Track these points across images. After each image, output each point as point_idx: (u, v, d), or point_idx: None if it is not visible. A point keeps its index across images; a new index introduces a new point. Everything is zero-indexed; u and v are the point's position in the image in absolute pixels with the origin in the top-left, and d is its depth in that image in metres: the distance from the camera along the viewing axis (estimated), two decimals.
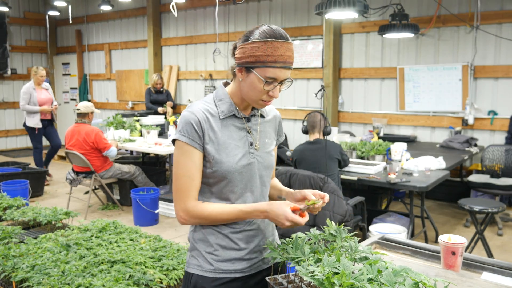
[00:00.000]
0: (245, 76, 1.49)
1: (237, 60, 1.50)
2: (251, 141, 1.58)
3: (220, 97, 1.57)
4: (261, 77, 1.45)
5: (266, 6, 7.85)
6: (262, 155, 1.61)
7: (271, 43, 1.43)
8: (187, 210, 1.51)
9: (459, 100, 6.16)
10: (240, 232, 1.58)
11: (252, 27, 1.52)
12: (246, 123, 1.59)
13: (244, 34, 1.51)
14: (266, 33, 1.45)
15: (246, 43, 1.46)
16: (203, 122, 1.51)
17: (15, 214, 3.61)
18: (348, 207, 3.71)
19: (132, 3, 9.50)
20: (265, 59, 1.43)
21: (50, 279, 2.49)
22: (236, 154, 1.53)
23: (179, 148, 1.52)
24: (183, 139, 1.50)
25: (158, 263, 2.72)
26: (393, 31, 5.19)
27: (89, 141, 5.47)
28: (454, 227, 5.18)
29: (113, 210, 5.95)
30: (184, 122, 1.52)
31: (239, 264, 1.58)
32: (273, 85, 1.47)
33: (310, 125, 4.07)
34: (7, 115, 10.79)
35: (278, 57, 1.43)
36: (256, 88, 1.47)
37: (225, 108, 1.55)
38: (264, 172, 1.62)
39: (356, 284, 1.17)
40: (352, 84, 7.14)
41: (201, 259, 1.58)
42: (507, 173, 5.35)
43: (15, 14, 10.65)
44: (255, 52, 1.44)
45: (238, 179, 1.54)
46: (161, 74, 8.42)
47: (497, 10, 5.84)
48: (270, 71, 1.44)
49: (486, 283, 1.64)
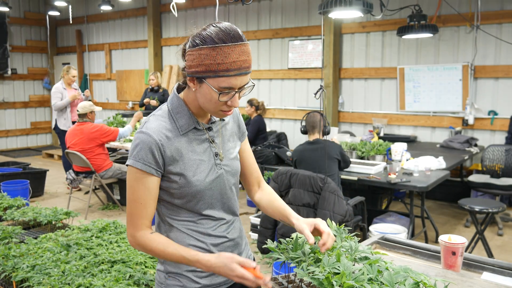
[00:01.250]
0: (198, 86, 1.33)
1: (186, 68, 1.33)
2: (216, 152, 1.45)
3: (177, 110, 1.40)
4: (214, 88, 1.28)
5: (266, 6, 7.86)
6: (228, 163, 1.49)
7: (220, 49, 1.25)
8: (134, 237, 1.40)
9: (459, 100, 6.16)
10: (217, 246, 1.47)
11: (201, 27, 1.34)
12: (207, 133, 1.45)
13: (192, 36, 1.32)
14: (214, 36, 1.26)
15: (194, 49, 1.29)
16: (161, 144, 1.35)
17: (16, 214, 3.62)
18: (348, 207, 3.71)
19: (132, 3, 9.50)
20: (216, 68, 1.26)
21: (51, 279, 2.49)
22: (203, 170, 1.41)
23: (132, 174, 1.37)
24: (137, 166, 1.34)
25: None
26: (411, 32, 5.16)
27: (92, 137, 5.44)
28: (454, 227, 5.18)
29: (113, 210, 5.95)
30: (138, 146, 1.35)
31: (219, 277, 1.47)
32: (230, 95, 1.31)
33: (310, 125, 4.06)
34: (7, 115, 10.79)
35: (231, 64, 1.25)
36: (211, 100, 1.32)
37: (184, 122, 1.40)
38: (232, 180, 1.51)
39: (356, 284, 1.17)
40: (352, 84, 7.14)
41: (184, 279, 1.45)
42: (507, 173, 5.35)
43: (15, 14, 10.66)
44: (204, 61, 1.26)
45: (208, 195, 1.43)
46: (160, 73, 8.39)
47: (497, 10, 5.84)
48: (224, 80, 1.27)
49: (486, 283, 1.64)
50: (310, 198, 3.63)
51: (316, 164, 3.87)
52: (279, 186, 3.81)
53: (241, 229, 1.59)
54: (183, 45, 1.37)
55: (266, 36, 7.86)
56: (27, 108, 11.13)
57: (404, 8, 5.59)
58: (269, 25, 7.86)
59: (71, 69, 6.84)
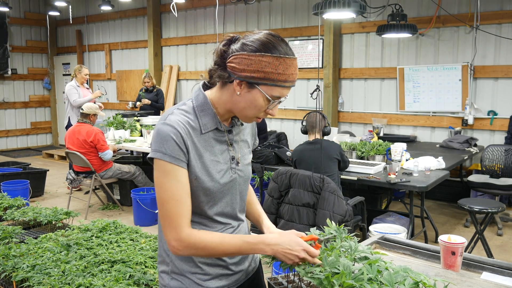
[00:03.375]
0: (245, 91, 1.30)
1: (236, 71, 1.28)
2: (232, 156, 1.43)
3: (202, 107, 1.37)
4: (267, 95, 1.29)
5: (266, 6, 7.86)
6: (243, 169, 1.47)
7: (283, 60, 1.27)
8: (180, 240, 1.30)
9: (459, 100, 6.17)
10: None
11: (251, 32, 1.33)
12: (227, 135, 1.42)
13: (244, 41, 1.30)
14: (277, 46, 1.27)
15: (252, 54, 1.26)
16: (185, 136, 1.31)
17: (16, 214, 3.62)
18: (348, 207, 3.72)
19: (133, 3, 9.50)
20: (275, 77, 1.27)
21: (51, 279, 2.49)
22: (219, 171, 1.38)
23: (160, 169, 1.30)
24: (165, 158, 1.28)
25: None
26: (391, 31, 5.21)
27: (88, 140, 5.46)
28: (454, 227, 5.19)
29: (113, 210, 5.95)
30: (162, 138, 1.29)
31: (226, 280, 1.47)
32: (274, 103, 1.33)
33: (310, 125, 4.06)
34: (8, 115, 10.79)
35: (289, 76, 1.28)
36: (257, 106, 1.32)
37: (207, 120, 1.36)
38: (243, 186, 1.50)
39: (356, 284, 1.17)
40: (352, 84, 7.14)
41: (186, 281, 1.42)
42: (507, 173, 5.36)
43: (15, 14, 10.66)
44: (264, 68, 1.26)
45: (219, 197, 1.40)
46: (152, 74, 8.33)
47: (497, 10, 5.84)
48: (278, 90, 1.29)
49: (486, 283, 1.65)
50: (310, 198, 3.63)
51: (316, 164, 3.87)
52: (279, 186, 3.81)
53: (248, 232, 1.58)
54: (222, 45, 1.33)
55: None
56: (27, 108, 11.14)
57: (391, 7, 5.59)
58: (269, 25, 7.86)
59: (83, 68, 6.87)
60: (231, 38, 1.33)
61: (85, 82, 6.95)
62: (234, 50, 1.29)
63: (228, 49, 1.31)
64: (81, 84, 6.87)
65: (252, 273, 1.58)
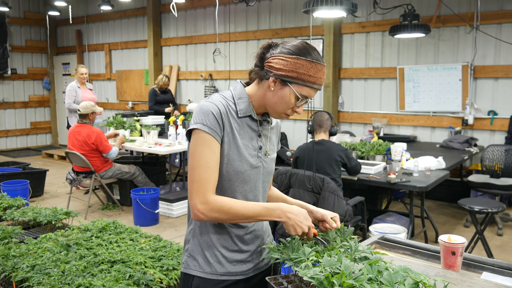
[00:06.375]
0: (278, 87, 1.48)
1: (273, 69, 1.47)
2: (260, 145, 1.56)
3: (240, 95, 1.54)
4: (297, 93, 1.47)
5: (266, 6, 7.86)
6: (268, 161, 1.60)
7: (315, 65, 1.45)
8: (207, 202, 1.43)
9: (459, 100, 6.16)
10: (244, 234, 1.57)
11: (289, 40, 1.53)
12: (259, 126, 1.57)
13: (283, 45, 1.49)
14: (311, 52, 1.47)
15: (289, 56, 1.45)
16: (224, 115, 1.47)
17: (15, 214, 3.62)
18: (348, 207, 3.72)
19: (132, 3, 9.50)
20: (306, 78, 1.45)
21: (50, 279, 2.49)
22: (247, 155, 1.51)
23: (197, 138, 1.45)
24: (205, 129, 1.43)
25: (158, 263, 2.72)
26: (404, 31, 5.16)
27: (89, 142, 5.46)
28: (454, 227, 5.18)
29: (113, 210, 5.95)
30: (204, 112, 1.45)
31: (242, 266, 1.56)
32: (302, 102, 1.51)
33: (317, 124, 4.00)
34: (7, 115, 10.79)
35: (318, 79, 1.47)
36: (287, 102, 1.49)
37: (243, 107, 1.52)
38: (266, 177, 1.62)
39: (356, 284, 1.17)
40: (352, 84, 7.14)
41: (203, 261, 1.54)
42: (507, 173, 5.35)
43: (15, 14, 10.66)
44: (298, 69, 1.44)
45: (243, 180, 1.52)
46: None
47: (497, 10, 5.84)
48: (307, 90, 1.48)
49: (486, 283, 1.64)
50: (309, 198, 3.63)
51: (319, 165, 3.86)
52: (278, 186, 3.81)
53: (265, 224, 1.68)
54: (262, 49, 1.53)
55: (266, 36, 7.87)
56: (27, 108, 11.14)
57: (403, 7, 5.58)
58: (269, 25, 7.86)
59: (79, 67, 6.86)
60: (270, 44, 1.53)
61: (85, 82, 6.90)
62: (273, 52, 1.49)
63: (267, 52, 1.51)
64: (82, 84, 6.81)
65: (264, 269, 1.65)
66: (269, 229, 1.73)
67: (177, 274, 2.62)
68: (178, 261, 2.75)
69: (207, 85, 8.66)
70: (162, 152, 5.71)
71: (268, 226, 1.72)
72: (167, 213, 5.65)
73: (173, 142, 5.94)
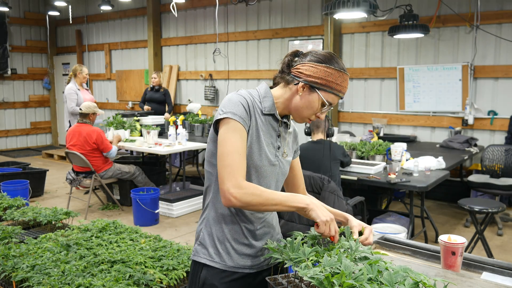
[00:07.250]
0: (307, 93, 1.54)
1: (303, 75, 1.54)
2: (278, 145, 1.62)
3: (265, 94, 1.60)
4: (324, 99, 1.53)
5: (266, 6, 7.86)
6: (284, 162, 1.65)
7: (342, 74, 1.53)
8: (240, 186, 1.43)
9: (459, 100, 6.16)
10: (255, 230, 1.61)
11: (317, 49, 1.68)
12: (279, 127, 1.62)
13: (312, 54, 1.56)
14: (340, 63, 1.55)
15: (319, 64, 1.52)
16: (251, 108, 1.53)
17: (15, 214, 3.61)
18: (348, 207, 3.72)
19: (132, 3, 9.50)
20: (334, 86, 1.53)
21: (50, 279, 2.49)
22: (267, 151, 1.56)
23: (228, 126, 1.47)
24: (235, 118, 1.47)
25: (158, 263, 2.72)
26: (403, 31, 5.16)
27: (90, 142, 5.47)
28: (454, 227, 5.18)
29: (113, 210, 5.95)
30: (234, 102, 1.50)
31: (249, 260, 1.60)
32: (326, 108, 1.57)
33: (315, 125, 4.04)
34: (7, 115, 10.79)
35: (343, 88, 1.55)
36: (312, 107, 1.55)
37: (268, 105, 1.58)
38: (281, 178, 1.66)
39: (356, 284, 1.17)
40: (352, 84, 7.13)
41: (213, 251, 1.58)
42: (507, 173, 5.35)
43: (15, 14, 10.66)
44: (327, 77, 1.52)
45: (258, 175, 1.56)
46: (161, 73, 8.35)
47: (497, 10, 5.84)
48: (332, 97, 1.54)
49: (486, 283, 1.64)
50: None
51: (318, 164, 3.87)
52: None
53: (275, 222, 1.74)
54: (289, 56, 1.61)
55: (266, 36, 7.87)
56: (27, 108, 11.14)
57: (402, 8, 5.59)
58: (269, 25, 7.86)
59: (84, 67, 6.67)
60: (296, 52, 1.61)
61: (84, 83, 6.88)
62: (302, 60, 1.56)
63: (293, 59, 1.59)
64: (80, 85, 6.71)
65: (272, 266, 1.68)
66: (279, 228, 1.78)
67: (177, 274, 2.62)
68: (178, 261, 2.75)
69: (207, 85, 8.66)
70: (162, 152, 5.71)
71: (278, 224, 1.76)
72: (167, 213, 5.65)
73: (173, 142, 5.94)
